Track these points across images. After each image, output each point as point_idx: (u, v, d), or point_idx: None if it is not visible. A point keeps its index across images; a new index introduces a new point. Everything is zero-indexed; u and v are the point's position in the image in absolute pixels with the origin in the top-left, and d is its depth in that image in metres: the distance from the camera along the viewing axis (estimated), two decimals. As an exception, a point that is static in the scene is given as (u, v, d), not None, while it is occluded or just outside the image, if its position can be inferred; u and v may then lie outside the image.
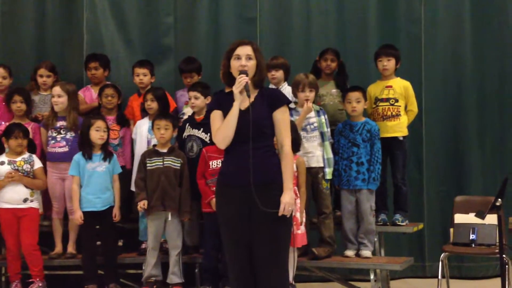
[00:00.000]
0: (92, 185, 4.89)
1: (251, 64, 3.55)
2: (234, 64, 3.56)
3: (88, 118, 4.99)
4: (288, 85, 5.22)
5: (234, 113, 3.49)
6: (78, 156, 4.93)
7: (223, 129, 3.52)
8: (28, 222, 4.84)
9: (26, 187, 4.87)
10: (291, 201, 3.46)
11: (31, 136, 5.12)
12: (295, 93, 5.01)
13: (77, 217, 4.85)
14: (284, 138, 3.55)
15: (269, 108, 3.55)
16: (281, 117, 3.55)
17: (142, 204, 4.82)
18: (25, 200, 4.86)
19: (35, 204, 4.92)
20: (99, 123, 4.92)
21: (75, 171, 4.91)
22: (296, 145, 4.77)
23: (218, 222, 3.66)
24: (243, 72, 3.51)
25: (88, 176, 4.89)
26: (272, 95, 3.61)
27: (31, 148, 5.02)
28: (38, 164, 4.96)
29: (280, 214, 3.43)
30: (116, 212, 4.93)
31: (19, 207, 4.84)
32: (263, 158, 3.49)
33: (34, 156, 4.97)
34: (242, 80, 3.48)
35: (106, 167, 4.94)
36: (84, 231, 4.91)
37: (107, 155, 4.94)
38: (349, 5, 6.15)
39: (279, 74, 5.20)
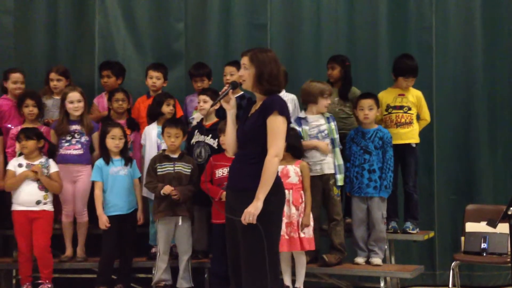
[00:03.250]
0: (117, 189, 4.94)
1: (246, 74, 3.58)
2: None
3: (106, 125, 5.05)
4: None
5: (228, 124, 3.65)
6: (100, 162, 4.97)
7: (225, 138, 3.70)
8: (41, 225, 4.85)
9: (40, 189, 4.88)
10: (253, 211, 3.41)
11: (42, 139, 5.15)
12: (315, 100, 4.93)
13: (103, 222, 4.87)
14: (269, 146, 3.50)
15: (262, 117, 3.54)
16: (270, 125, 3.51)
17: (167, 189, 4.77)
18: (38, 202, 4.87)
19: (49, 206, 4.93)
20: (115, 131, 4.96)
21: (98, 177, 4.94)
22: (299, 152, 4.78)
23: None
24: (230, 82, 3.64)
25: (112, 180, 4.93)
26: (264, 104, 3.59)
27: (51, 151, 5.03)
28: (54, 168, 4.97)
29: (243, 222, 3.43)
30: (140, 215, 4.99)
31: (33, 209, 4.85)
32: (244, 165, 3.54)
33: (50, 160, 4.99)
34: (222, 90, 3.62)
35: (128, 171, 4.99)
36: (107, 235, 4.91)
37: (127, 160, 4.99)
38: (360, 12, 6.14)
39: None
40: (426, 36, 6.11)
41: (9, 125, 5.32)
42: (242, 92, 5.15)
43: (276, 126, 3.49)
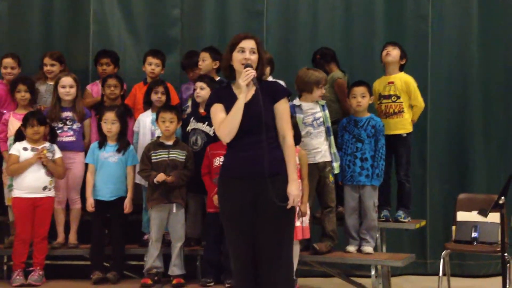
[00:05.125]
0: (103, 175, 4.94)
1: (254, 58, 3.59)
2: (237, 57, 3.58)
3: (102, 109, 5.05)
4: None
5: (239, 106, 3.51)
6: (94, 145, 5.00)
7: (229, 122, 3.53)
8: (43, 212, 4.87)
9: (47, 175, 4.88)
10: (298, 192, 3.52)
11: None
12: (310, 89, 4.91)
13: (88, 204, 4.91)
14: (286, 129, 3.58)
15: (270, 100, 3.57)
16: (282, 109, 3.58)
17: (160, 177, 4.76)
18: (44, 188, 4.87)
19: (53, 193, 4.94)
20: (106, 115, 4.94)
21: (91, 159, 4.97)
22: (297, 138, 4.78)
23: (221, 214, 3.69)
24: (248, 65, 3.54)
25: (100, 165, 4.95)
26: (272, 87, 3.64)
27: (53, 136, 5.02)
28: (58, 153, 4.97)
29: (289, 207, 3.47)
30: (127, 203, 4.95)
31: (38, 196, 4.85)
32: (268, 150, 3.50)
33: (55, 145, 4.98)
34: (249, 73, 3.51)
35: (118, 158, 4.97)
36: (93, 220, 4.97)
37: (122, 147, 4.96)
38: (357, 0, 6.12)
39: (268, 70, 5.18)
40: (422, 25, 6.11)
41: (5, 111, 5.30)
42: (219, 78, 5.19)
43: (288, 109, 3.63)
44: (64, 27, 6.01)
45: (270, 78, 5.13)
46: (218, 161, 4.78)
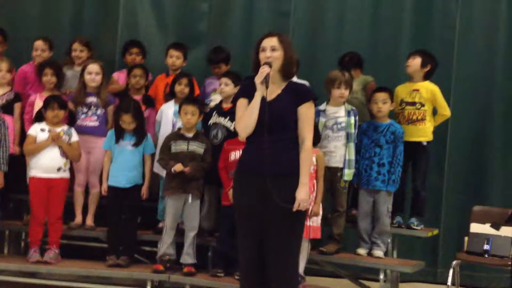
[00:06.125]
0: (119, 162, 5.02)
1: (276, 55, 3.58)
2: (261, 57, 3.62)
3: (122, 104, 5.10)
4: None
5: (255, 103, 3.54)
6: (112, 131, 5.08)
7: (245, 118, 3.57)
8: (58, 193, 4.95)
9: (62, 155, 4.96)
10: (306, 197, 3.50)
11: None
12: (328, 89, 4.98)
13: (102, 189, 5.02)
14: (306, 133, 3.58)
15: (295, 102, 3.58)
16: (305, 112, 3.58)
17: (178, 167, 4.84)
18: (58, 169, 4.95)
19: (67, 174, 5.02)
20: (124, 118, 4.97)
21: (108, 146, 5.06)
22: (316, 140, 4.80)
23: (234, 208, 3.75)
24: (266, 63, 3.57)
25: (118, 152, 5.03)
26: (298, 89, 3.66)
27: (71, 119, 5.12)
28: (75, 137, 5.04)
29: (294, 210, 3.48)
30: (144, 191, 5.04)
31: (53, 177, 4.92)
32: (282, 150, 3.54)
33: (72, 129, 5.06)
34: (263, 71, 3.53)
35: (136, 146, 5.04)
36: (109, 205, 5.06)
37: (139, 140, 5.02)
38: (385, 4, 6.13)
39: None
40: (448, 33, 6.07)
41: (32, 93, 5.41)
42: None
43: (311, 113, 3.61)
44: (94, 15, 6.14)
45: (295, 79, 5.17)
46: (234, 155, 4.83)
